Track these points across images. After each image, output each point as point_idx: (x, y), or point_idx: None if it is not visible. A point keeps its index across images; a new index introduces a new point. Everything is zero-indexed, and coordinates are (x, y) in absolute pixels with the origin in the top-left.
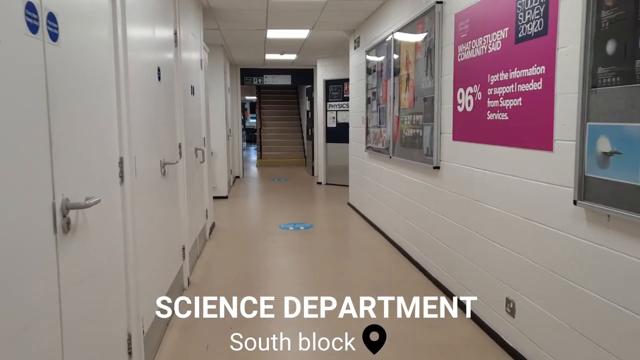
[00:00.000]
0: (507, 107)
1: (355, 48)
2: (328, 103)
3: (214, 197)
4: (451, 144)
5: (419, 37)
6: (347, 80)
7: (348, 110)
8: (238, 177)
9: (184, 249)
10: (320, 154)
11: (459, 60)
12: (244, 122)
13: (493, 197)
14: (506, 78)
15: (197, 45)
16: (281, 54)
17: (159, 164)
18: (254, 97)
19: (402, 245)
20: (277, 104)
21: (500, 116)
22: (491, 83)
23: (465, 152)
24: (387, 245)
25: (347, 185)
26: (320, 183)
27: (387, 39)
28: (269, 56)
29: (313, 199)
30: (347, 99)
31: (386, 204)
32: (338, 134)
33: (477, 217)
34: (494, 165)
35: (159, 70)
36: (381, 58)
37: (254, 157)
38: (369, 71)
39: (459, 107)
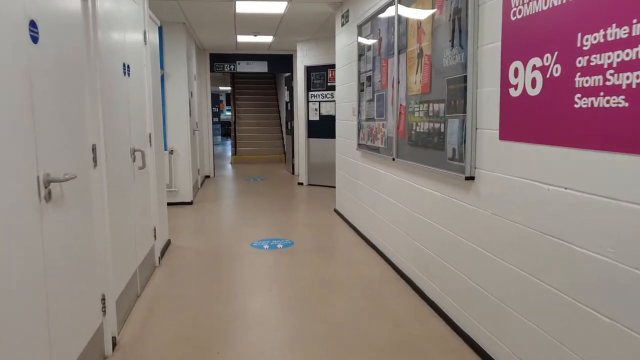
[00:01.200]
0: (625, 86)
1: (343, 25)
2: (310, 93)
3: (176, 204)
4: (497, 145)
5: None
6: (332, 66)
7: (333, 100)
8: (208, 176)
9: (104, 299)
10: (302, 151)
11: (514, 18)
12: (218, 114)
13: (591, 236)
14: (624, 35)
15: (136, 12)
16: (255, 35)
17: (34, 185)
18: (229, 88)
19: (413, 276)
20: (253, 94)
21: (608, 102)
22: (585, 47)
23: (526, 158)
24: (391, 274)
25: (333, 187)
26: (301, 184)
27: (388, 6)
28: (241, 38)
29: (293, 205)
30: (331, 88)
31: (387, 219)
32: (322, 128)
33: (553, 263)
34: (593, 184)
35: (33, 25)
36: (380, 31)
37: (230, 152)
38: (362, 51)
39: (512, 89)
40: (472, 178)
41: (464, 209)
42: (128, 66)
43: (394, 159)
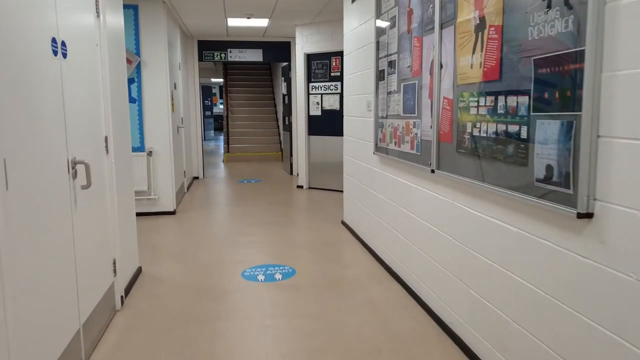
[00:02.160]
0: None
1: (353, 1)
2: (310, 84)
3: (156, 214)
4: None
5: None
6: (336, 54)
7: (338, 93)
8: (197, 178)
9: None
10: (301, 150)
11: None
12: (211, 108)
13: None
14: None
15: None
16: (248, 18)
17: None
18: (222, 80)
19: (467, 338)
20: (247, 86)
21: None
22: None
23: None
24: (432, 330)
25: (338, 191)
26: (301, 187)
27: None
28: (232, 21)
29: (293, 215)
30: (335, 79)
31: (424, 251)
32: (324, 124)
33: None
34: None
35: None
36: (409, 2)
37: (223, 149)
38: (381, 30)
39: None
40: (589, 215)
41: (572, 261)
42: (63, 43)
43: (433, 171)
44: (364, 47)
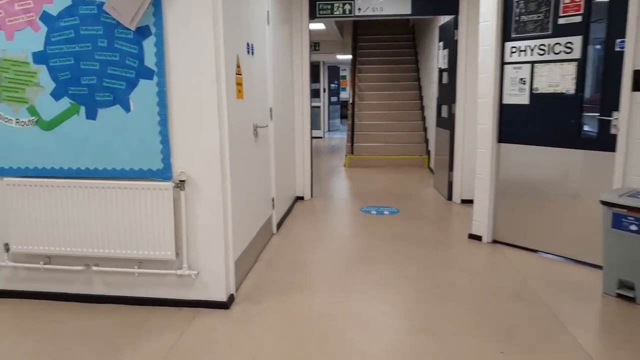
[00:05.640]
0: None
1: None
2: (509, 45)
3: (188, 305)
4: None
5: None
6: None
7: (574, 59)
8: (301, 198)
9: None
10: (485, 168)
11: None
12: (337, 92)
13: None
14: None
15: None
16: None
17: None
18: (351, 56)
19: None
20: (381, 62)
21: None
22: None
23: None
24: None
25: (566, 259)
26: (477, 238)
27: None
28: None
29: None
30: (570, 31)
31: None
32: (538, 122)
33: None
34: None
35: None
36: None
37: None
38: None
39: None
40: None
41: None
42: None
43: None
44: None
